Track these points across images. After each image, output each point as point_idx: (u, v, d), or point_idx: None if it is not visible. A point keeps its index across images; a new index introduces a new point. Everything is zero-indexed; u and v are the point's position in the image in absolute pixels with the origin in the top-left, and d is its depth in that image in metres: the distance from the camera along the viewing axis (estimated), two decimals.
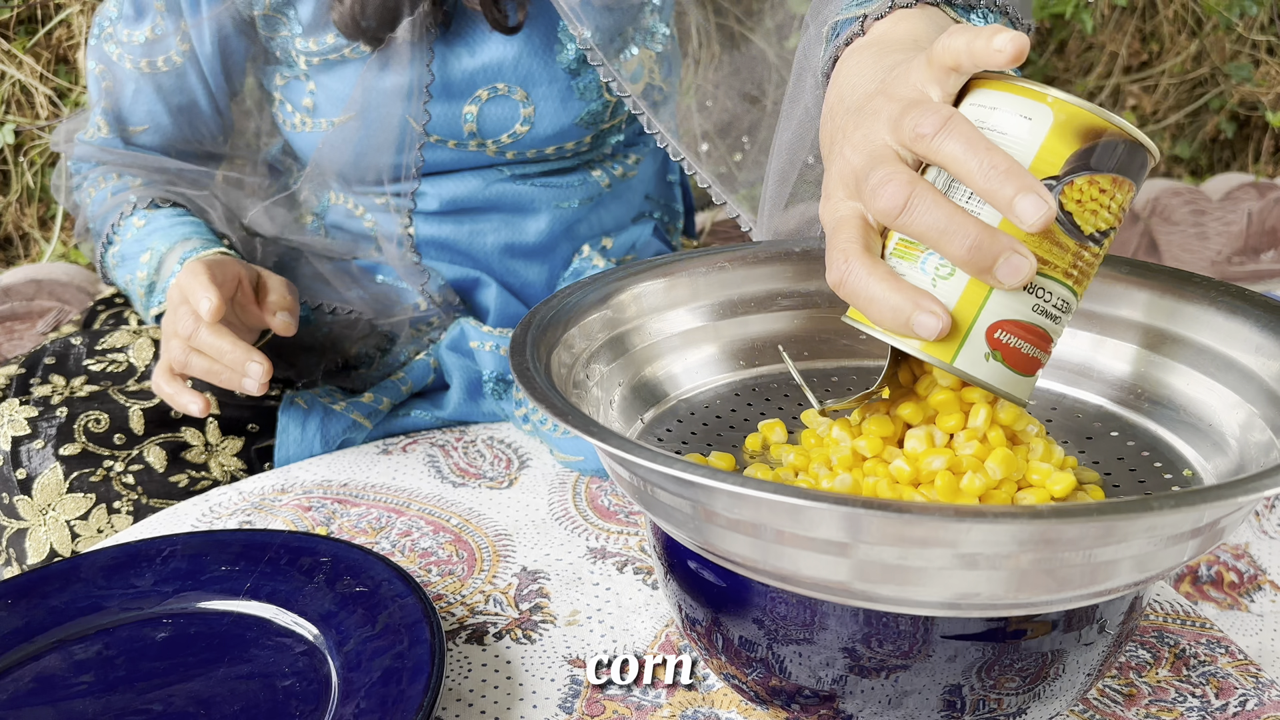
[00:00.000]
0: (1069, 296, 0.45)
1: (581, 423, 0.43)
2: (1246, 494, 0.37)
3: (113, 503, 0.77)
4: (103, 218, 0.91)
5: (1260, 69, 1.97)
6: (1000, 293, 0.45)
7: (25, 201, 1.48)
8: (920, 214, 0.43)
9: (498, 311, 0.94)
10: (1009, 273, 0.43)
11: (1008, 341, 0.45)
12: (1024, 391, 0.46)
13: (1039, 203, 0.42)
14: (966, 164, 0.43)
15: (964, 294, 0.45)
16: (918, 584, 0.40)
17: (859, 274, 0.45)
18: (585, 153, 0.95)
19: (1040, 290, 0.45)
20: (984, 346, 0.45)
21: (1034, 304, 0.45)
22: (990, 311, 0.45)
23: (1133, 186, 0.45)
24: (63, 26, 1.43)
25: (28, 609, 0.62)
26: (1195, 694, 0.57)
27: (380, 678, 0.54)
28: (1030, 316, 0.45)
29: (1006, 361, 0.45)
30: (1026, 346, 0.45)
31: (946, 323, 0.44)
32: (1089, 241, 0.45)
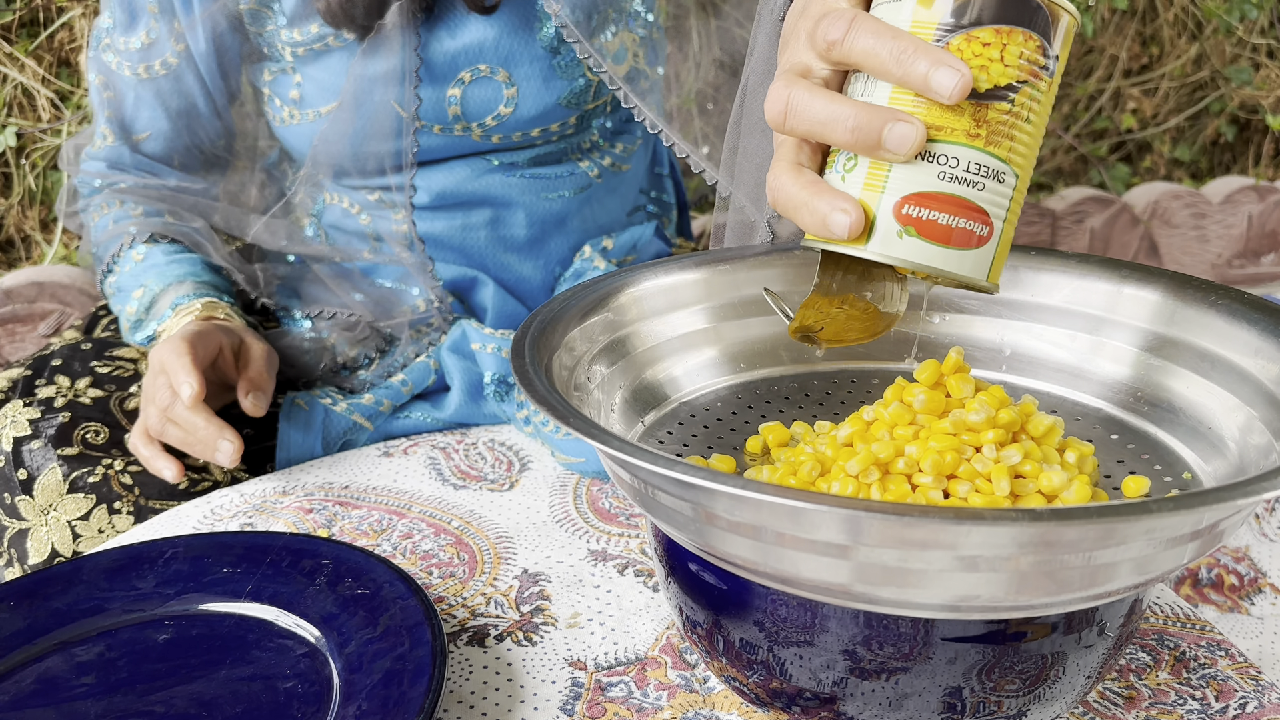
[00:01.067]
0: (984, 160, 0.44)
1: (583, 425, 0.43)
2: (1245, 497, 0.37)
3: (113, 503, 0.77)
4: (105, 245, 0.94)
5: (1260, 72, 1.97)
6: (900, 168, 0.44)
7: (27, 204, 1.48)
8: (801, 114, 0.45)
9: (495, 311, 0.94)
10: (896, 141, 0.43)
11: (918, 215, 0.45)
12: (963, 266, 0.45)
13: (951, 73, 0.42)
14: (878, 56, 0.44)
15: (867, 179, 0.45)
16: (918, 586, 0.40)
17: (782, 185, 0.46)
18: (571, 135, 0.95)
19: (941, 157, 0.44)
20: (894, 225, 0.45)
21: (938, 172, 0.44)
22: (893, 189, 0.45)
23: (1029, 34, 0.44)
24: (64, 29, 1.43)
25: (30, 611, 0.62)
26: (1195, 696, 0.57)
27: (382, 680, 0.55)
28: (937, 185, 0.44)
29: (923, 235, 0.45)
30: (944, 217, 0.45)
31: (856, 217, 0.44)
32: (988, 99, 0.44)
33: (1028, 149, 0.46)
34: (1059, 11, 0.44)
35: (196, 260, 0.91)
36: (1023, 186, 0.46)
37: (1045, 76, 0.45)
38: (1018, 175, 0.45)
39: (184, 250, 0.92)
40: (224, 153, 0.98)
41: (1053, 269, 0.59)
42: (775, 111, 0.46)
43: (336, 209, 0.95)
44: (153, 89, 0.91)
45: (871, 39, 0.44)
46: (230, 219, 0.96)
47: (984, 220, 0.45)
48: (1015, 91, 0.44)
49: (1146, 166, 2.04)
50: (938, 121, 0.44)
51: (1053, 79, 0.45)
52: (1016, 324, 0.60)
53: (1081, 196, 1.87)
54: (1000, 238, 0.46)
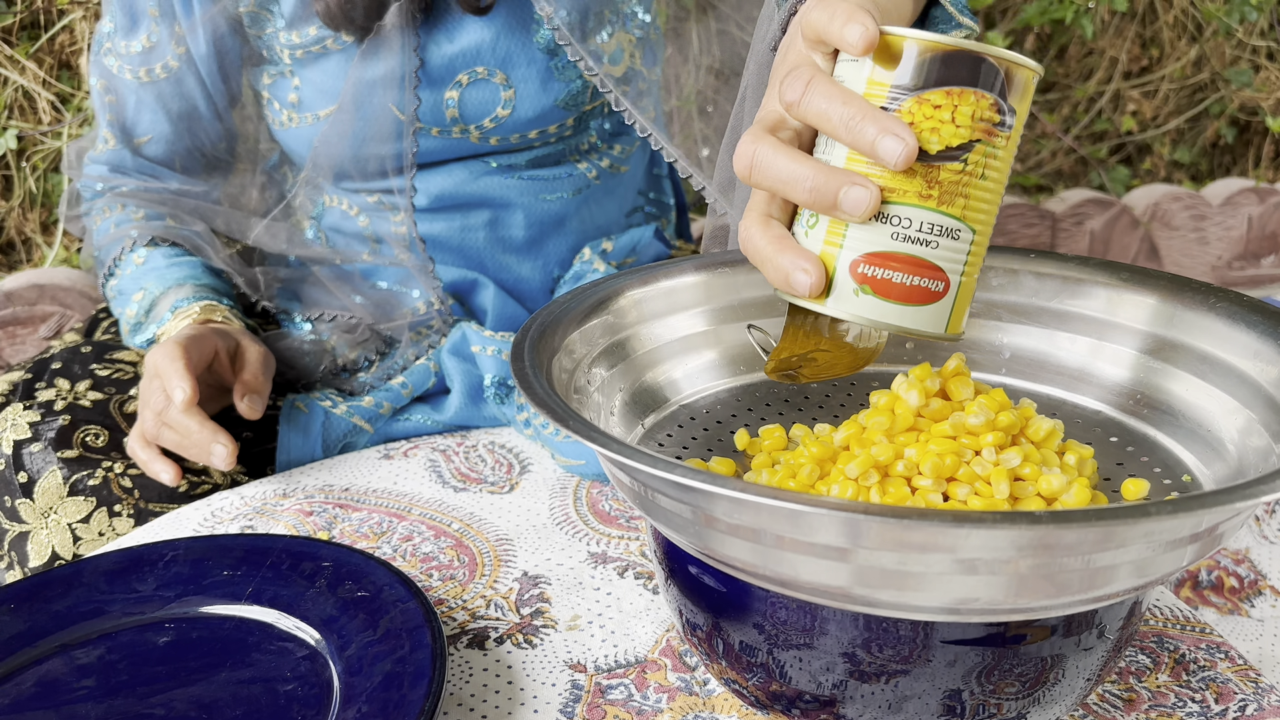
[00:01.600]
0: (937, 219, 0.45)
1: (583, 428, 0.43)
2: (1244, 500, 0.37)
3: (113, 506, 0.77)
4: (106, 249, 0.94)
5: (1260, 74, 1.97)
6: (856, 228, 0.46)
7: (28, 206, 1.48)
8: (765, 171, 0.46)
9: (495, 313, 0.94)
10: (852, 204, 0.45)
11: (874, 274, 0.46)
12: (919, 321, 0.46)
13: (896, 141, 0.43)
14: (829, 120, 0.45)
15: (826, 236, 0.46)
16: (917, 589, 0.40)
17: (750, 237, 0.48)
18: (570, 137, 0.95)
19: (895, 218, 0.45)
20: (851, 283, 0.46)
21: (892, 232, 0.46)
22: (850, 248, 0.46)
23: (981, 94, 0.45)
24: (65, 32, 1.43)
25: (30, 613, 0.62)
26: (1195, 699, 0.57)
27: (382, 682, 0.55)
28: (891, 245, 0.46)
29: (878, 293, 0.46)
30: (899, 275, 0.46)
31: (816, 278, 0.46)
32: (940, 160, 0.45)
33: (986, 204, 0.47)
34: (1014, 69, 0.45)
35: (197, 263, 0.91)
36: (982, 240, 0.47)
37: (1001, 132, 0.45)
38: (975, 230, 0.46)
39: (184, 253, 0.92)
40: (225, 155, 0.98)
41: (1052, 271, 0.60)
42: (742, 166, 0.47)
43: (336, 211, 0.95)
44: (154, 92, 0.91)
45: (825, 102, 0.45)
46: (231, 222, 0.96)
47: (939, 277, 0.46)
48: (968, 150, 0.45)
49: (1146, 169, 2.04)
50: (891, 184, 0.45)
51: (1011, 133, 0.46)
52: (1016, 326, 0.60)
53: (1081, 198, 1.88)
54: (958, 291, 0.47)
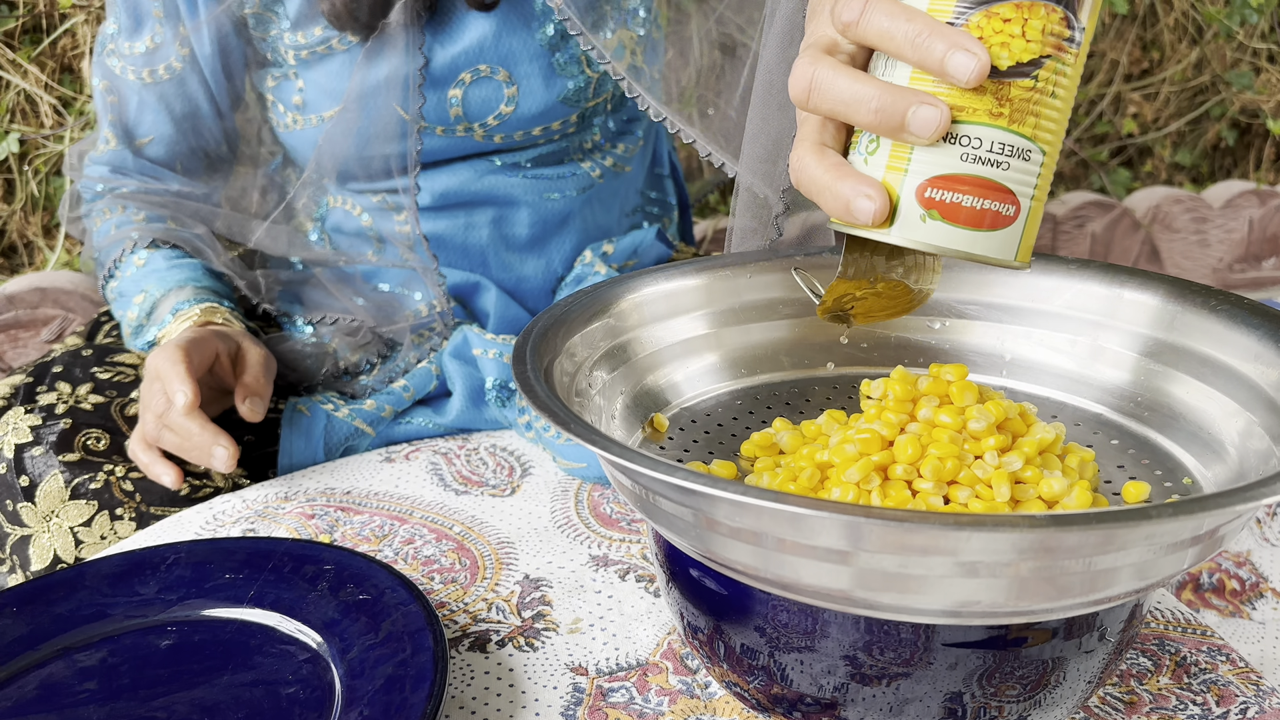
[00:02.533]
0: (1009, 139, 0.44)
1: (584, 431, 0.43)
2: (1245, 502, 0.37)
3: (115, 509, 0.77)
4: (106, 250, 0.93)
5: (1261, 77, 1.97)
6: (922, 151, 0.44)
7: (30, 210, 1.48)
8: (825, 93, 0.44)
9: (498, 316, 0.94)
10: (920, 124, 0.43)
11: (942, 198, 0.44)
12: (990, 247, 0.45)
13: (968, 57, 0.42)
14: (893, 39, 0.43)
15: (889, 162, 0.44)
16: (918, 592, 0.40)
17: (805, 166, 0.46)
18: (573, 134, 0.95)
19: (964, 138, 0.44)
20: (918, 209, 0.44)
21: (961, 153, 0.44)
22: (915, 172, 0.44)
23: (1052, 7, 0.43)
24: (67, 36, 1.43)
25: (32, 616, 0.62)
26: (1196, 701, 0.57)
27: (383, 685, 0.55)
28: (961, 167, 0.44)
29: (946, 218, 0.44)
30: (969, 199, 0.44)
31: (880, 204, 0.44)
32: (1010, 77, 0.43)
33: (1055, 124, 0.45)
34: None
35: (197, 265, 0.91)
36: (1050, 163, 0.45)
37: (1071, 49, 0.43)
38: (1044, 152, 0.44)
39: (185, 256, 0.92)
40: (227, 156, 0.98)
41: (1052, 274, 0.60)
42: (799, 89, 0.45)
43: (339, 211, 0.95)
44: (156, 93, 0.92)
45: (887, 20, 0.43)
46: (232, 224, 0.96)
47: (1010, 200, 0.44)
48: (1039, 67, 0.43)
49: (1147, 171, 2.05)
50: (959, 102, 0.43)
51: (1079, 50, 0.44)
52: (1017, 329, 0.60)
53: (1082, 201, 1.88)
54: (1028, 216, 0.45)
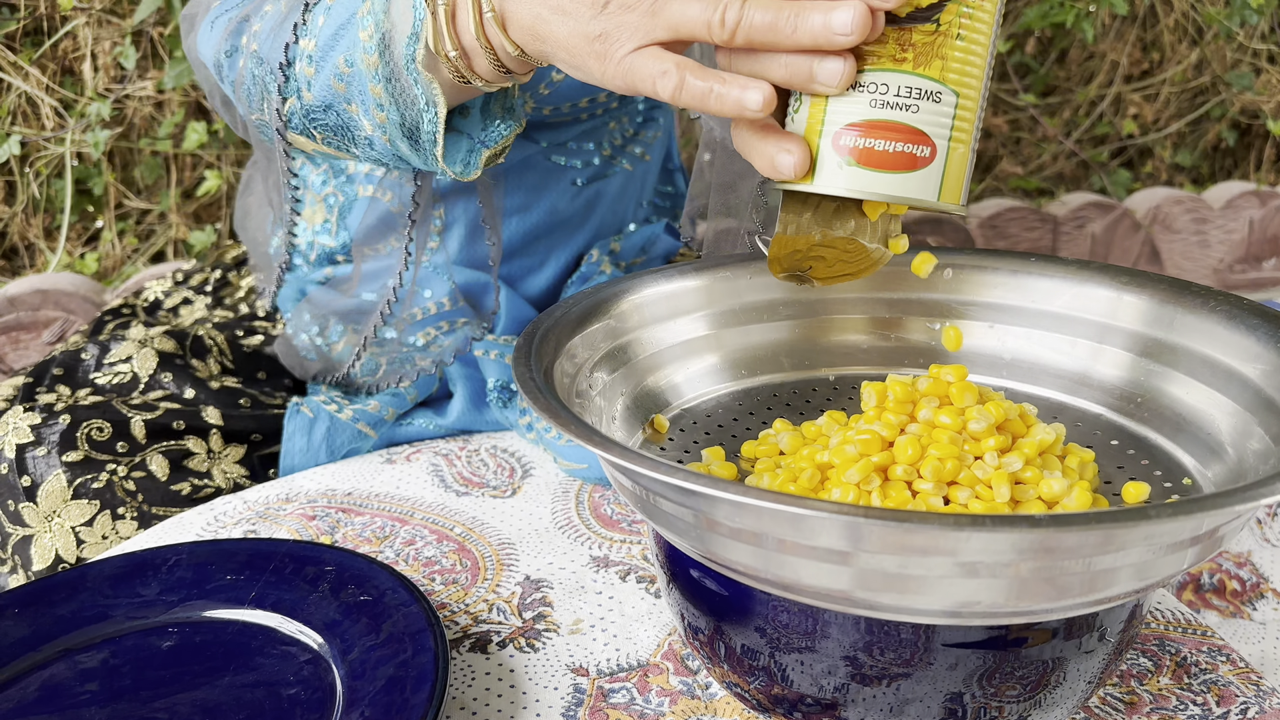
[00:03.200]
0: (915, 82, 0.45)
1: (584, 432, 0.43)
2: (1244, 502, 0.38)
3: (117, 509, 0.78)
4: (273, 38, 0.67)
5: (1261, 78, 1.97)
6: (836, 102, 0.46)
7: (31, 212, 1.49)
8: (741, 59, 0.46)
9: (508, 316, 0.94)
10: (826, 74, 0.45)
11: (855, 144, 0.46)
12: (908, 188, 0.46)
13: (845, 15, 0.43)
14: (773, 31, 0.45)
15: (809, 117, 0.46)
16: (918, 592, 0.40)
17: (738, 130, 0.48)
18: (615, 109, 0.94)
19: (871, 85, 0.45)
20: (835, 157, 0.46)
21: (869, 100, 0.45)
22: (831, 122, 0.46)
23: None
24: (68, 38, 1.44)
25: (34, 618, 0.62)
26: (1196, 702, 0.57)
27: (384, 686, 0.55)
28: (870, 113, 0.45)
29: (862, 163, 0.46)
30: (880, 143, 0.45)
31: (800, 156, 0.46)
32: (910, 22, 0.45)
33: (964, 65, 0.46)
34: None
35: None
36: (968, 104, 0.46)
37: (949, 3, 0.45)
38: (956, 94, 0.46)
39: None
40: None
41: (1052, 275, 0.60)
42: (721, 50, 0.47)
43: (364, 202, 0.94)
44: None
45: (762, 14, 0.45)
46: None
47: (923, 141, 0.45)
48: (939, 10, 0.45)
49: (1148, 172, 2.04)
50: (864, 50, 0.45)
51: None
52: (1016, 330, 0.60)
53: (1082, 202, 1.88)
54: (948, 157, 0.46)
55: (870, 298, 0.63)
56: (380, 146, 0.64)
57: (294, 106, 0.66)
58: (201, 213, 1.56)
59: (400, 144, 0.62)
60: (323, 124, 0.66)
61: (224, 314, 0.99)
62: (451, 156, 0.63)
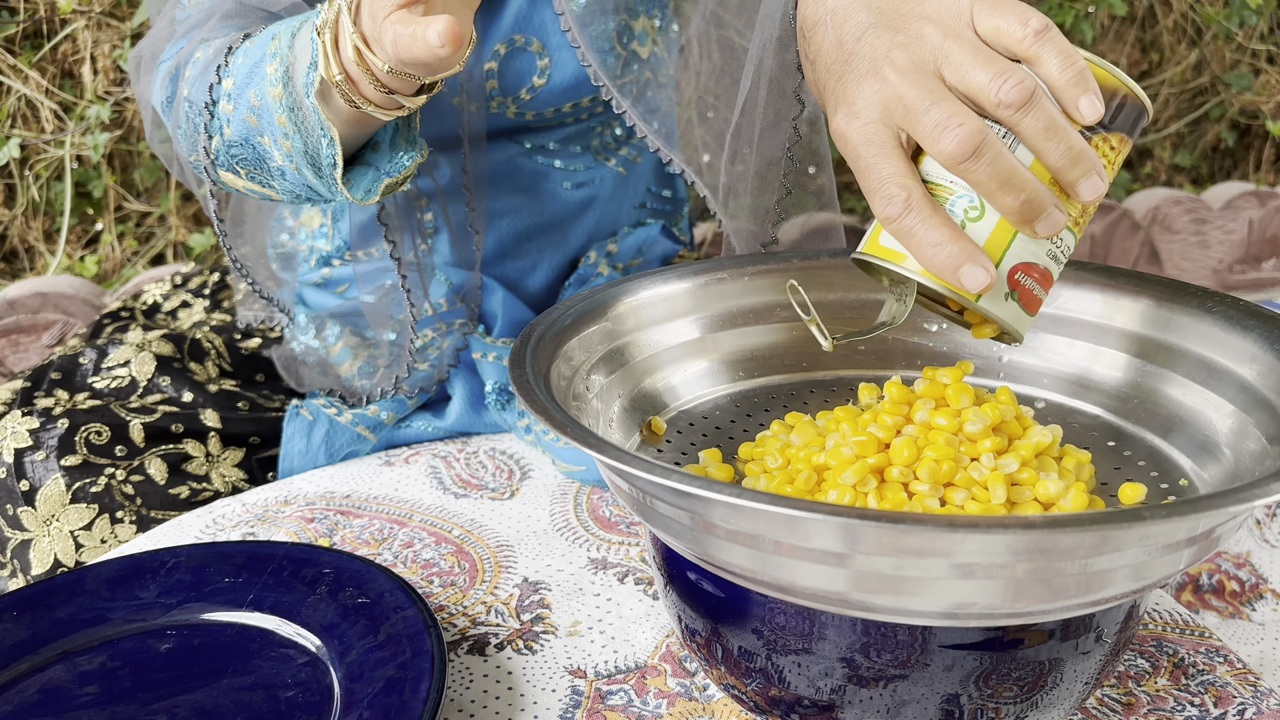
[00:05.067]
0: (1071, 241, 0.49)
1: (581, 435, 0.43)
2: (1239, 503, 0.38)
3: (115, 513, 0.78)
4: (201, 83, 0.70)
5: (1260, 78, 1.97)
6: (1024, 239, 0.48)
7: (31, 214, 1.49)
8: (987, 163, 0.46)
9: (505, 319, 0.94)
10: (1048, 226, 0.46)
11: (1024, 283, 0.48)
12: (1025, 328, 0.50)
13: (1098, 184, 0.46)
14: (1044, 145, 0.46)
15: (991, 236, 0.48)
16: (914, 594, 0.41)
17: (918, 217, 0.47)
18: (601, 114, 0.95)
19: (1055, 239, 0.48)
20: (1005, 287, 0.48)
21: (1048, 249, 0.48)
22: (1014, 254, 0.48)
23: (1130, 145, 0.49)
24: (68, 41, 1.44)
25: (32, 621, 0.62)
26: (1194, 703, 0.57)
27: (382, 688, 0.55)
28: (1044, 260, 0.48)
29: (1021, 301, 0.49)
30: (1037, 288, 0.49)
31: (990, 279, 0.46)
32: None
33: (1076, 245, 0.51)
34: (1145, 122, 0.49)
35: None
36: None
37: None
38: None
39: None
40: None
41: None
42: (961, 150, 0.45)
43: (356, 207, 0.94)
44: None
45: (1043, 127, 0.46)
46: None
47: (1048, 291, 0.50)
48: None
49: (1147, 172, 2.04)
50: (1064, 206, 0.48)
51: None
52: None
53: None
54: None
55: (867, 299, 0.63)
56: (291, 176, 0.68)
57: (218, 144, 0.70)
58: (201, 216, 1.56)
59: (306, 171, 0.66)
60: (242, 158, 0.69)
61: (222, 317, 0.99)
62: (356, 185, 0.66)
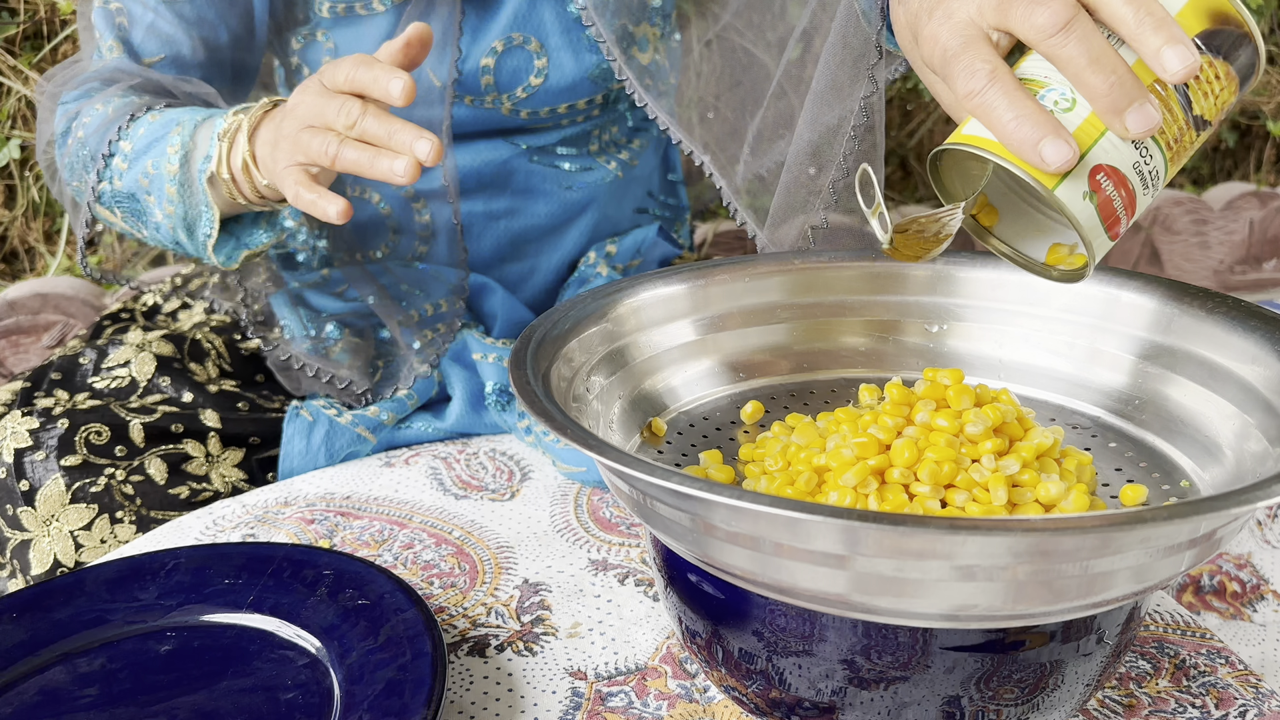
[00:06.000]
0: (1162, 168, 0.46)
1: (580, 436, 0.43)
2: (1241, 505, 0.37)
3: (115, 513, 0.78)
4: (100, 134, 0.80)
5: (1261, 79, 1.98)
6: (1111, 138, 0.45)
7: (31, 215, 1.49)
8: (1078, 38, 0.44)
9: (504, 319, 0.94)
10: (1138, 120, 0.44)
11: (1105, 187, 0.46)
12: (1101, 247, 0.47)
13: (1185, 54, 0.43)
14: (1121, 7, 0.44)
15: (1080, 128, 0.46)
16: (915, 596, 0.40)
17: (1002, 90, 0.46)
18: (598, 116, 0.95)
19: (1144, 149, 0.46)
20: (1084, 185, 0.46)
21: (1135, 160, 0.46)
22: (1099, 152, 0.46)
23: (1238, 87, 0.46)
24: (68, 42, 1.44)
25: (32, 622, 0.62)
26: (1195, 704, 0.57)
27: (382, 690, 0.55)
28: (1130, 171, 0.46)
29: (1099, 207, 0.46)
30: (1118, 199, 0.46)
31: (1073, 158, 0.45)
32: (1194, 122, 0.46)
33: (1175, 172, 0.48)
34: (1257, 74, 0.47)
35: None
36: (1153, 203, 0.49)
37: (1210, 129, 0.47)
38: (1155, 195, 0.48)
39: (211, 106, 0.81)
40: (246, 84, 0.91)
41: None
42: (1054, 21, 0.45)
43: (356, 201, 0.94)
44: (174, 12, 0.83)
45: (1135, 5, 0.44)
46: None
47: (1132, 213, 0.47)
48: (1205, 129, 0.46)
49: None
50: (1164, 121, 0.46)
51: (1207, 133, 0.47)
52: (1014, 333, 0.60)
53: None
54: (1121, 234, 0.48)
55: (867, 300, 0.63)
56: (164, 232, 0.81)
57: (105, 188, 0.82)
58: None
59: (180, 233, 0.80)
60: (124, 206, 0.82)
61: (222, 318, 0.99)
62: (220, 249, 0.80)
